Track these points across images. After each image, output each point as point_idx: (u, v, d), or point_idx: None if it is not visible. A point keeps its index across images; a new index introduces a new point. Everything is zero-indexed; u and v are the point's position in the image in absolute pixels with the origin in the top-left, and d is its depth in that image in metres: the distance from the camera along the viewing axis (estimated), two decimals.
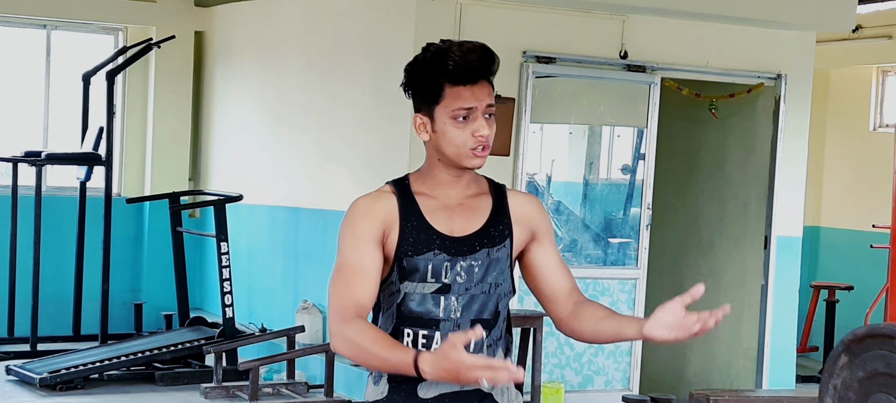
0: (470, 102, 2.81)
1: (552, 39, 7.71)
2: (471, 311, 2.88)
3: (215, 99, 10.21)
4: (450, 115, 2.82)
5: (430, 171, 2.91)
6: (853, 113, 11.18)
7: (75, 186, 9.47)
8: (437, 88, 2.82)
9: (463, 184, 2.92)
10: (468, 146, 2.83)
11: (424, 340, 2.87)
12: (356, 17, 8.24)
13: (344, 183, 8.25)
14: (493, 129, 2.87)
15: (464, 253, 2.88)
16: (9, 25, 9.90)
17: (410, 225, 2.87)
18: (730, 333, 8.62)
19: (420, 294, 2.87)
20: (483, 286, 2.89)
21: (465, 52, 2.80)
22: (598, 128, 8.41)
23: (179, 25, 10.05)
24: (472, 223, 2.90)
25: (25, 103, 10.07)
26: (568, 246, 8.10)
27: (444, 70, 2.80)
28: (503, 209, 2.94)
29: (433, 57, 2.81)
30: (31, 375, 7.96)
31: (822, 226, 11.36)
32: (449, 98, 2.81)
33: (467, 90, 2.81)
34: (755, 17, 7.77)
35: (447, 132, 2.83)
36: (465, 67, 2.79)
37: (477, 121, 2.82)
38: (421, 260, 2.86)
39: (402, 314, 2.89)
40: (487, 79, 2.85)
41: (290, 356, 7.85)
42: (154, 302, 9.82)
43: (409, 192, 2.91)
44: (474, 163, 2.85)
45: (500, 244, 2.90)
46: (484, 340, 2.90)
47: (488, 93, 2.84)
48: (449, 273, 2.87)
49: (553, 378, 7.81)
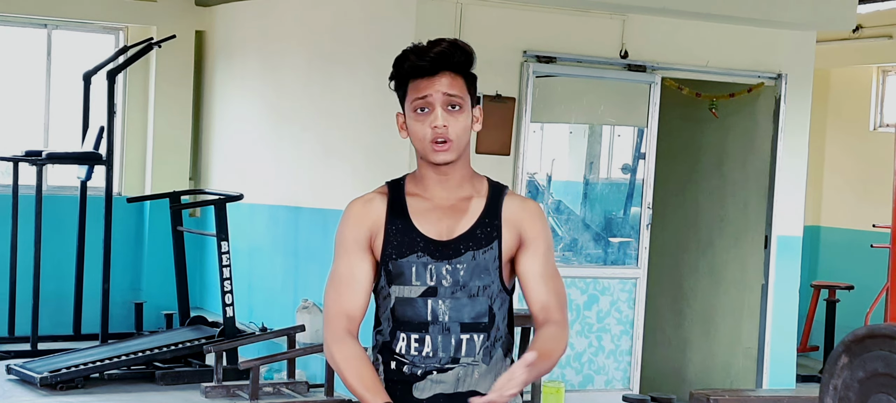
0: (424, 92, 2.83)
1: (552, 39, 7.71)
2: (461, 314, 2.88)
3: (216, 98, 10.21)
4: (411, 109, 2.87)
5: (420, 171, 2.93)
6: (853, 112, 11.18)
7: (76, 186, 9.48)
8: (404, 85, 2.89)
9: (453, 184, 2.91)
10: (428, 138, 2.84)
11: (416, 343, 2.89)
12: (357, 16, 8.24)
13: (344, 182, 8.25)
14: (460, 123, 2.85)
15: (449, 256, 2.87)
16: (9, 25, 9.90)
17: (395, 228, 2.89)
18: (730, 333, 8.62)
19: (408, 297, 2.88)
20: (469, 289, 2.88)
21: (426, 47, 2.86)
22: (599, 128, 8.41)
23: (180, 25, 10.05)
24: (459, 225, 2.90)
25: (26, 103, 10.07)
26: (568, 246, 8.11)
27: (405, 65, 2.87)
28: (494, 211, 2.91)
29: (401, 55, 2.89)
30: (31, 374, 7.97)
31: (823, 226, 11.36)
32: (410, 92, 2.87)
33: (425, 81, 2.85)
34: (755, 16, 7.77)
35: (411, 126, 2.87)
36: (422, 61, 2.84)
37: (434, 112, 2.84)
38: (405, 264, 2.87)
39: (396, 318, 2.91)
40: (451, 70, 2.86)
41: (291, 355, 7.85)
42: (154, 302, 9.82)
43: (401, 193, 2.93)
44: (439, 157, 2.84)
45: (486, 246, 2.88)
46: (482, 359, 2.90)
47: (448, 85, 2.85)
48: (434, 276, 2.87)
49: (553, 378, 7.81)
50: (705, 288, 8.81)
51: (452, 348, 2.89)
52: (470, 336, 2.89)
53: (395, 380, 2.91)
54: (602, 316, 8.00)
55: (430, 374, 2.89)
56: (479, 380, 2.90)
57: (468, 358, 2.90)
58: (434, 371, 2.88)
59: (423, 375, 2.89)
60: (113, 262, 9.39)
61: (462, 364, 2.89)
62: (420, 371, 2.89)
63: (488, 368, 2.91)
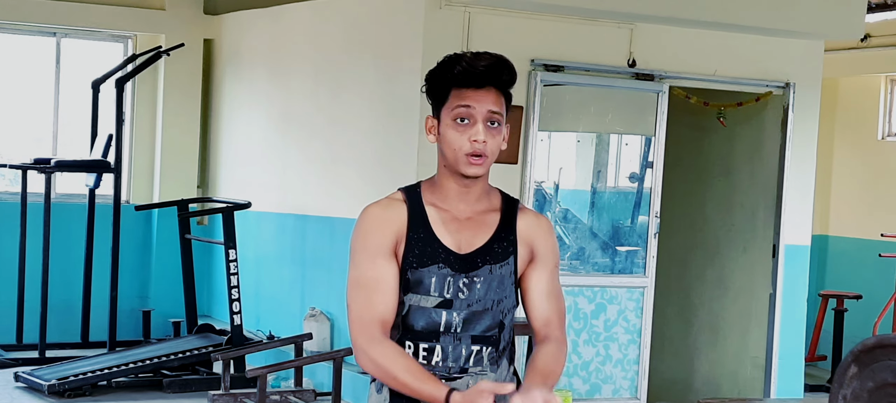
0: (470, 102, 2.83)
1: (560, 48, 7.72)
2: (472, 327, 2.89)
3: (224, 106, 10.23)
4: (451, 116, 2.84)
5: (440, 181, 2.92)
6: (862, 121, 11.17)
7: (84, 193, 9.49)
8: (445, 90, 2.86)
9: (473, 197, 2.91)
10: (464, 150, 2.83)
11: (425, 352, 2.89)
12: (365, 25, 8.25)
13: (352, 191, 8.26)
14: (496, 141, 2.85)
15: (467, 270, 2.88)
16: (19, 33, 9.93)
17: (417, 237, 2.88)
18: (737, 342, 8.61)
19: (422, 307, 2.88)
20: (484, 302, 2.89)
21: (475, 57, 2.85)
22: (606, 137, 8.41)
23: (188, 33, 10.07)
24: (477, 238, 2.90)
25: (35, 111, 10.09)
26: (575, 255, 8.10)
27: (452, 72, 2.84)
28: (510, 226, 2.93)
29: (446, 61, 2.87)
30: (39, 382, 7.98)
31: (831, 235, 11.34)
32: (452, 99, 2.85)
33: (471, 92, 2.84)
34: (763, 25, 7.77)
35: (447, 134, 2.85)
36: (471, 71, 2.83)
37: (476, 126, 2.83)
38: (425, 274, 2.87)
39: (407, 326, 2.90)
40: (496, 87, 2.86)
41: (298, 363, 7.85)
42: (162, 309, 9.84)
43: (419, 201, 2.91)
44: (470, 170, 2.84)
45: (503, 261, 2.90)
46: (490, 368, 2.91)
47: (493, 101, 2.85)
48: (451, 288, 2.87)
49: (561, 387, 7.79)
50: (713, 297, 8.80)
51: (462, 358, 2.89)
52: (480, 348, 2.90)
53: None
54: (609, 325, 8.00)
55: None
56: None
57: (476, 368, 2.91)
58: (443, 380, 2.88)
59: None
60: (121, 270, 9.40)
61: (470, 373, 2.90)
62: None
63: (495, 377, 2.93)
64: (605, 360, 7.99)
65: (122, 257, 9.45)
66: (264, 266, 9.45)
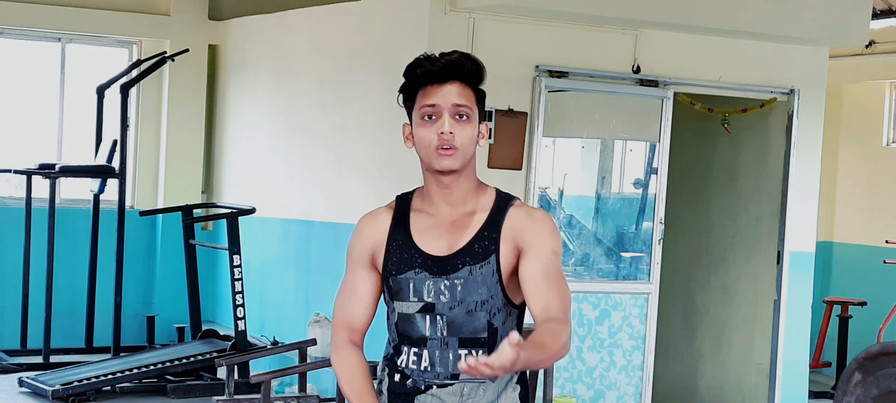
0: (434, 99, 2.85)
1: (565, 53, 7.72)
2: (459, 330, 2.88)
3: (229, 112, 10.24)
4: (419, 116, 2.88)
5: (426, 186, 2.95)
6: (866, 128, 11.16)
7: (89, 199, 9.51)
8: (412, 93, 2.90)
9: (457, 198, 2.91)
10: (433, 145, 2.85)
11: (415, 359, 2.92)
12: (369, 30, 8.26)
13: (357, 196, 8.26)
14: (466, 133, 2.85)
15: (447, 272, 2.87)
16: (24, 38, 9.95)
17: (395, 244, 2.92)
18: (742, 348, 8.60)
19: (407, 313, 2.91)
20: (468, 304, 2.87)
21: (437, 56, 2.88)
22: (611, 143, 8.41)
23: (193, 39, 10.09)
24: (459, 240, 2.89)
25: (40, 116, 10.11)
26: (580, 260, 8.10)
27: (415, 75, 2.89)
28: (495, 225, 2.89)
29: (411, 65, 2.91)
30: (43, 387, 7.99)
31: (835, 242, 11.33)
32: (419, 99, 2.89)
33: (434, 89, 2.86)
34: (768, 32, 7.77)
35: (417, 133, 2.89)
36: (431, 70, 2.86)
37: (441, 119, 2.85)
38: (403, 280, 2.89)
39: (400, 333, 2.94)
40: (460, 81, 2.86)
41: (302, 369, 7.84)
42: (166, 315, 9.84)
43: (407, 209, 2.95)
44: (442, 163, 2.84)
45: (483, 260, 2.87)
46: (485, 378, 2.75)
47: (458, 94, 2.85)
48: (431, 292, 2.87)
49: (565, 392, 7.80)
50: (717, 304, 8.79)
51: (450, 363, 2.89)
52: (469, 352, 2.88)
53: (398, 393, 2.95)
54: (614, 332, 7.99)
55: (431, 388, 2.91)
56: (484, 397, 2.91)
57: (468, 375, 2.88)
58: (434, 386, 2.91)
59: (426, 388, 2.92)
60: (125, 275, 9.41)
61: (462, 380, 2.89)
62: (422, 384, 2.92)
63: (495, 384, 2.92)
64: (609, 366, 7.99)
65: (127, 262, 9.46)
66: (268, 271, 9.45)
